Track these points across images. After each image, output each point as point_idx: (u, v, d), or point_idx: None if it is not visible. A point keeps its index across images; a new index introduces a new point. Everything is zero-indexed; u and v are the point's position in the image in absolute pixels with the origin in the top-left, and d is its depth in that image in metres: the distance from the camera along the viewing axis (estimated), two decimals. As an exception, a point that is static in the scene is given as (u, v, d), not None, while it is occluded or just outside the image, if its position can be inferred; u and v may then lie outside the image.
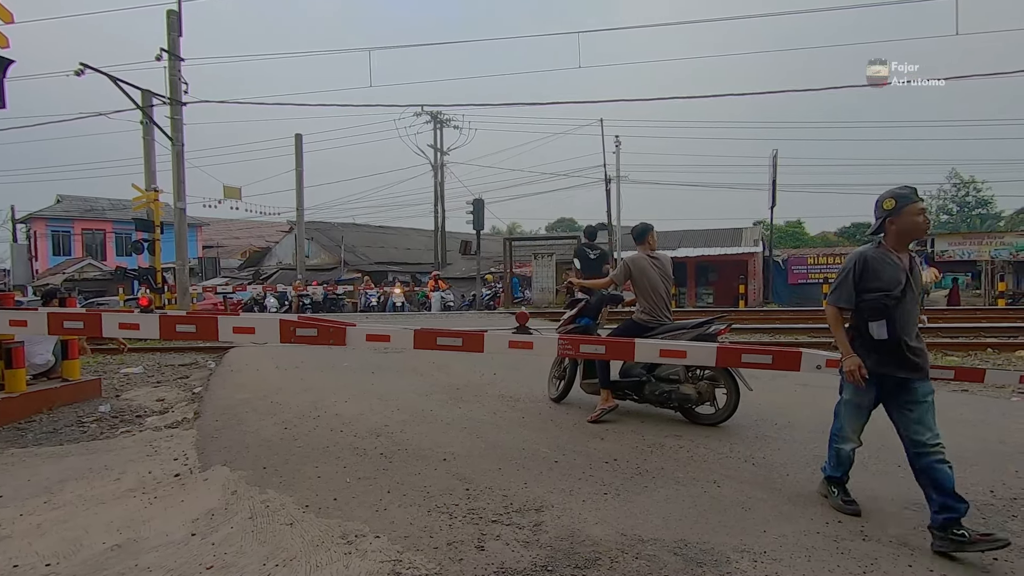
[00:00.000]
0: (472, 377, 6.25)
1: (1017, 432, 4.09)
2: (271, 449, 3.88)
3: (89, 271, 28.90)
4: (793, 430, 4.17)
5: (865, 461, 3.52)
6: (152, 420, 4.85)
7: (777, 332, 10.97)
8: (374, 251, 33.24)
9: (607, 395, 4.52)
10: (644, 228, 4.75)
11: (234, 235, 43.06)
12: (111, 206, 34.62)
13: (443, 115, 28.38)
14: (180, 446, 4.02)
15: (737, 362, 3.59)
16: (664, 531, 2.60)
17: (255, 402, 5.27)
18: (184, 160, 14.19)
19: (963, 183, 49.01)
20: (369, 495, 3.05)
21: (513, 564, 2.32)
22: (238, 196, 19.70)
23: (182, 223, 14.25)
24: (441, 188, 29.18)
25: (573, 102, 74.17)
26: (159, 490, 3.20)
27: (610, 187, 24.00)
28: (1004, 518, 2.72)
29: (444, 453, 3.73)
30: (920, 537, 2.52)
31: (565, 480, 3.24)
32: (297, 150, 25.12)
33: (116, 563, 2.38)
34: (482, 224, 21.09)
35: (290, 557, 2.39)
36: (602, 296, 5.04)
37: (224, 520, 2.78)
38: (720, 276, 24.58)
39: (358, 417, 4.65)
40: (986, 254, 20.16)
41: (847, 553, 2.39)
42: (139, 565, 2.36)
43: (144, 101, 14.10)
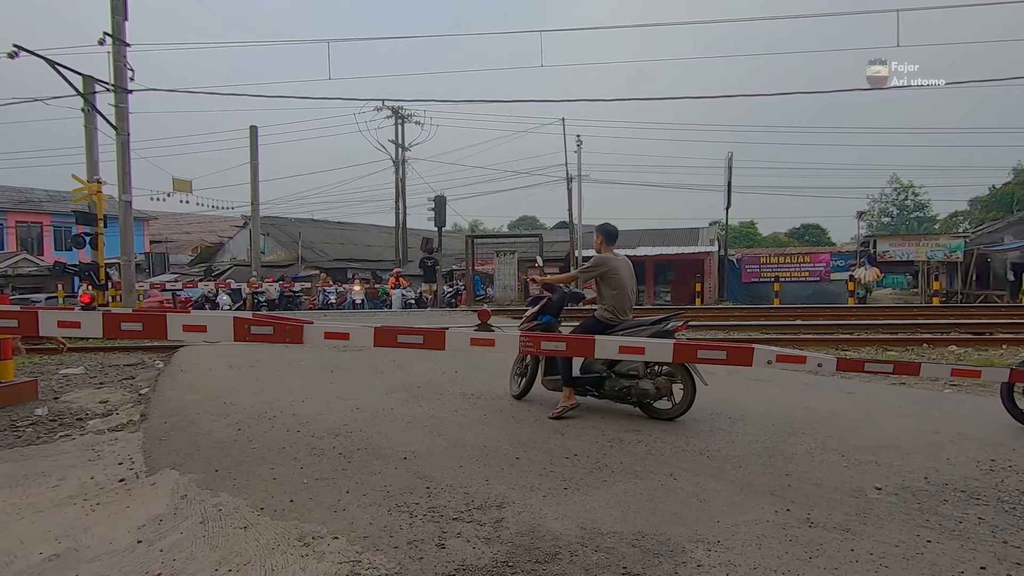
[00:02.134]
0: (433, 375, 6.21)
1: (949, 422, 4.35)
2: (224, 451, 3.75)
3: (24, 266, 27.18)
4: (745, 423, 4.32)
5: (812, 451, 3.69)
6: (94, 423, 4.61)
7: (731, 329, 11.34)
8: (333, 247, 32.56)
9: (569, 392, 4.57)
10: (616, 230, 4.92)
11: (184, 230, 41.36)
12: (48, 197, 32.63)
13: (404, 110, 28.01)
14: (125, 450, 3.84)
15: (693, 358, 3.70)
16: (622, 524, 2.66)
17: (206, 403, 5.08)
18: (130, 151, 13.53)
19: (903, 188, 51.79)
20: (327, 496, 2.99)
21: (474, 561, 2.32)
22: (188, 189, 18.98)
23: (127, 217, 13.59)
24: (402, 184, 28.81)
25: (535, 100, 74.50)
26: (102, 496, 3.05)
27: (571, 186, 24.24)
28: (937, 503, 2.90)
29: (405, 452, 3.69)
30: (862, 523, 2.66)
31: (526, 476, 3.26)
32: (252, 143, 24.32)
33: (54, 574, 2.26)
34: (444, 221, 20.98)
35: (244, 561, 2.32)
36: (564, 294, 5.09)
37: (173, 526, 2.67)
38: (677, 275, 25.22)
39: (316, 417, 4.55)
40: (923, 255, 21.38)
41: (795, 540, 2.50)
42: (80, 575, 2.25)
43: (86, 88, 13.36)
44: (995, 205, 40.10)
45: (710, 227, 28.77)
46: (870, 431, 4.13)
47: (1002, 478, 3.22)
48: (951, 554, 2.38)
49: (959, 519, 2.71)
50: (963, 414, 4.63)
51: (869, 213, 49.50)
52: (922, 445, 3.81)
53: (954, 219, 47.31)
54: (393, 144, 28.33)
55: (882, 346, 8.85)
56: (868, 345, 8.93)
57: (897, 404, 5.00)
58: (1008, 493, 3.01)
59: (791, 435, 4.03)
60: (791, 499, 2.94)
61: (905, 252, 21.83)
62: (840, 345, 8.93)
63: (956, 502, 2.91)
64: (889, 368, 3.72)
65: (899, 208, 52.95)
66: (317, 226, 34.52)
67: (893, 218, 52.48)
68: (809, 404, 4.94)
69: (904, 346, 8.88)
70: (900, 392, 5.52)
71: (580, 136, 24.59)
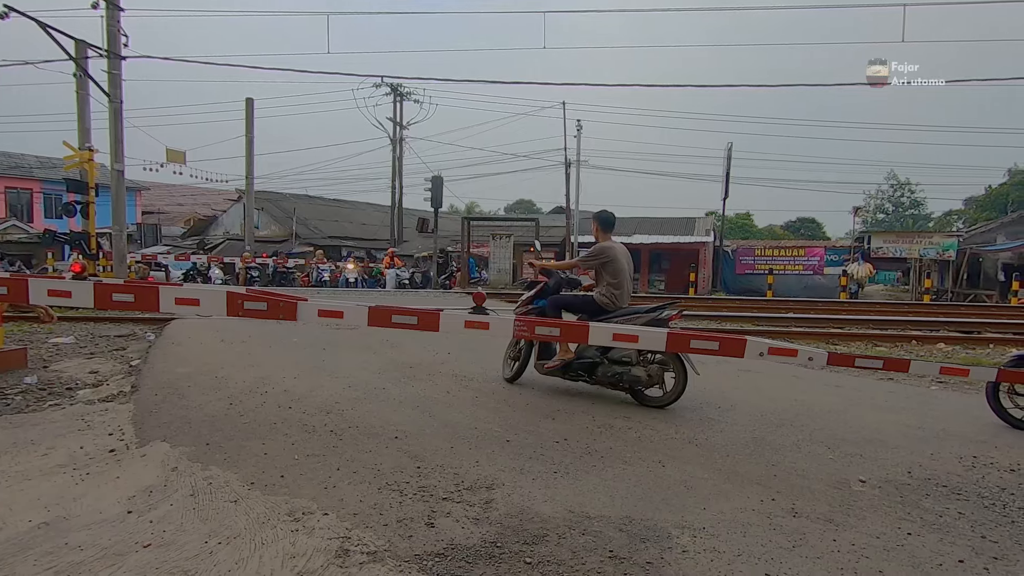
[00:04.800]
0: (426, 356, 6.22)
1: (934, 419, 4.42)
2: (215, 425, 3.75)
3: (13, 233, 26.82)
4: (735, 413, 4.37)
5: (798, 442, 3.73)
6: (84, 393, 4.60)
7: (724, 320, 11.40)
8: (328, 225, 32.29)
9: (565, 347, 4.64)
10: (613, 217, 4.95)
11: (177, 201, 40.89)
12: (39, 164, 32.10)
13: (404, 87, 27.66)
14: (116, 420, 3.83)
15: (686, 347, 3.72)
16: (610, 508, 2.69)
17: (198, 376, 5.07)
18: (123, 119, 13.28)
19: (900, 184, 51.94)
20: (318, 472, 3.01)
21: (463, 540, 2.34)
22: (182, 160, 18.70)
23: (120, 186, 13.38)
24: (399, 163, 28.56)
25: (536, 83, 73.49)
26: (92, 466, 3.05)
27: (570, 171, 24.11)
28: (919, 496, 2.95)
29: (396, 431, 3.71)
30: (845, 514, 2.71)
31: (516, 459, 3.29)
32: (248, 115, 23.93)
33: (44, 541, 2.27)
34: (440, 202, 20.82)
35: (234, 535, 2.34)
36: (560, 279, 5.09)
37: (163, 497, 2.68)
38: (672, 264, 25.28)
39: (308, 394, 4.56)
40: (916, 252, 21.52)
41: (779, 529, 2.54)
42: (69, 544, 2.25)
43: (78, 52, 13.05)
44: (990, 205, 40.35)
45: (706, 217, 28.77)
46: (856, 425, 4.19)
47: (983, 474, 3.28)
48: (931, 547, 2.43)
49: (940, 513, 2.76)
50: (948, 411, 4.70)
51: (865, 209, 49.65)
52: (907, 440, 3.86)
53: (949, 218, 47.58)
54: (391, 122, 28.02)
55: (872, 342, 8.93)
56: (858, 340, 9.01)
57: (884, 399, 5.06)
58: (988, 489, 3.07)
59: (779, 426, 4.07)
60: (777, 489, 2.98)
61: (899, 249, 21.97)
62: (831, 339, 9.01)
63: (938, 496, 2.96)
64: (879, 364, 3.75)
65: (895, 205, 53.17)
66: (312, 202, 34.18)
67: (888, 215, 52.69)
68: (798, 396, 5.00)
69: (894, 342, 8.97)
70: (888, 388, 5.58)
71: (580, 121, 24.41)
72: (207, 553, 2.20)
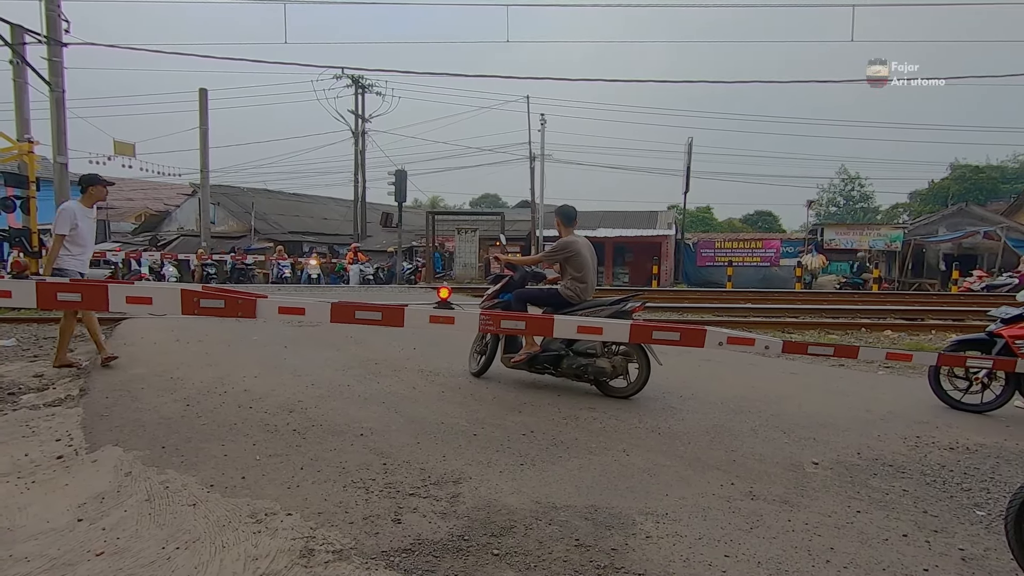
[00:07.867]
0: (391, 352, 6.15)
1: (881, 402, 4.64)
2: (171, 427, 3.63)
3: (-54, 230, 25.18)
4: (695, 401, 4.49)
5: (756, 428, 3.87)
6: (28, 398, 4.37)
7: (685, 311, 11.68)
8: (288, 220, 31.48)
9: (531, 340, 4.74)
10: (574, 211, 5.01)
11: (127, 196, 39.10)
12: (-27, 156, 30.19)
13: (365, 79, 27.10)
14: (63, 426, 3.66)
15: (649, 338, 3.79)
16: (576, 498, 2.73)
17: (152, 378, 4.88)
18: (65, 108, 12.61)
19: (850, 179, 54.05)
20: (281, 472, 2.95)
21: (430, 535, 2.34)
22: (131, 153, 17.90)
23: (63, 179, 12.70)
24: (362, 156, 28.03)
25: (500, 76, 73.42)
26: (38, 474, 2.91)
27: (534, 165, 24.18)
28: (867, 476, 3.10)
29: (361, 428, 3.67)
30: (799, 495, 2.82)
31: (483, 452, 3.30)
32: (201, 106, 23.05)
33: (-14, 554, 2.15)
34: (404, 196, 20.58)
35: (193, 539, 2.27)
36: (525, 273, 5.11)
37: (116, 503, 2.58)
38: (635, 257, 25.69)
39: (269, 393, 4.45)
40: (865, 244, 22.49)
41: (737, 511, 2.63)
42: (15, 555, 2.15)
43: (14, 38, 12.28)
44: (932, 199, 42.42)
45: (668, 211, 29.34)
46: (810, 410, 4.37)
47: (925, 453, 3.47)
48: (877, 523, 2.56)
49: (886, 491, 2.91)
50: (894, 394, 4.94)
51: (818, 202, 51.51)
52: (856, 423, 4.05)
53: (895, 210, 49.84)
54: (353, 114, 27.46)
55: (825, 330, 9.31)
56: (812, 328, 9.37)
57: (836, 384, 5.29)
58: (930, 467, 3.25)
59: (738, 413, 4.21)
60: (736, 473, 3.08)
61: (850, 240, 22.91)
62: (786, 328, 9.34)
63: (884, 475, 3.12)
64: (830, 351, 3.91)
65: (846, 198, 55.29)
66: (272, 197, 33.25)
67: (840, 208, 54.77)
68: (755, 384, 5.17)
69: (845, 330, 9.37)
70: (839, 373, 5.83)
71: (544, 115, 24.47)
72: (164, 559, 2.13)
